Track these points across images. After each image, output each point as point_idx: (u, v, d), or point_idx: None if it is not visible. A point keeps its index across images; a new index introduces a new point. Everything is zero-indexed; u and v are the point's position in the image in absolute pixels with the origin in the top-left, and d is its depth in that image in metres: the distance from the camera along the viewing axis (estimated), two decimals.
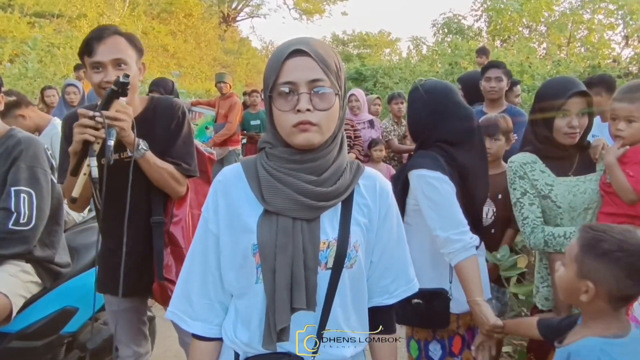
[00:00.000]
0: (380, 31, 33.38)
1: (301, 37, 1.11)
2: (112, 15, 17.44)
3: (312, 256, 1.08)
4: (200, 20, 25.99)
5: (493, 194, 2.63)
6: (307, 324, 1.12)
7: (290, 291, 1.06)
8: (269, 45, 40.14)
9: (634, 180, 1.85)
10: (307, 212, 1.08)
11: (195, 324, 1.18)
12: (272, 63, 1.08)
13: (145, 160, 1.73)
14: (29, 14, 14.33)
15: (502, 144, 2.71)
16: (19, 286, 2.05)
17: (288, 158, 1.09)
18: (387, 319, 1.26)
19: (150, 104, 1.89)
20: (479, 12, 13.27)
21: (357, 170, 1.17)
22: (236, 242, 1.12)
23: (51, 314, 2.22)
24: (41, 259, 2.13)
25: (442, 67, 10.38)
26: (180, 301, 1.19)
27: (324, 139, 1.08)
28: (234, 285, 1.16)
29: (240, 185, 1.14)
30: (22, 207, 1.94)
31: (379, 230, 1.19)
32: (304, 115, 1.03)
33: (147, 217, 1.87)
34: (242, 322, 1.15)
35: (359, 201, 1.16)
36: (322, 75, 1.05)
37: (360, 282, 1.18)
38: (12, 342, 2.12)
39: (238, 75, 27.79)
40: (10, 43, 10.66)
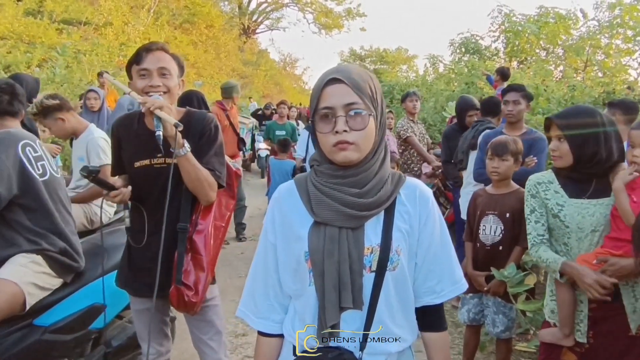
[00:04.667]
0: (398, 48, 33.64)
1: (338, 65, 1.26)
2: (137, 24, 17.77)
3: (357, 260, 1.19)
4: (221, 31, 26.42)
5: (502, 212, 2.73)
6: (355, 323, 1.24)
7: (339, 292, 1.19)
8: (287, 58, 40.60)
9: (636, 205, 1.92)
10: (352, 221, 1.20)
11: (259, 322, 1.34)
12: (314, 91, 1.23)
13: (186, 159, 1.85)
14: (58, 20, 14.68)
15: (511, 164, 2.80)
16: (30, 275, 2.16)
17: (332, 174, 1.23)
18: (436, 318, 1.34)
19: (186, 116, 2.02)
20: (497, 33, 13.40)
21: (399, 181, 1.28)
22: (290, 250, 1.27)
23: (80, 310, 2.35)
24: (47, 251, 2.23)
25: (459, 86, 10.47)
26: (247, 302, 1.36)
27: (362, 155, 1.20)
28: (291, 287, 1.30)
29: (292, 200, 1.28)
30: None
31: (420, 235, 1.28)
32: (341, 135, 1.16)
33: (174, 223, 1.96)
34: (299, 319, 1.30)
35: (400, 209, 1.27)
36: (357, 99, 1.17)
37: (404, 283, 1.27)
38: (45, 334, 2.25)
39: (256, 86, 28.14)
40: (39, 49, 10.96)
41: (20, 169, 2.17)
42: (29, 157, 2.22)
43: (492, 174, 2.82)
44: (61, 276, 2.32)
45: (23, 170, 2.18)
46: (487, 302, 2.85)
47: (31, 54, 10.52)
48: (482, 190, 2.99)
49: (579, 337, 2.08)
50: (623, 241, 1.96)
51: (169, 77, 1.93)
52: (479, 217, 2.84)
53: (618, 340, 2.02)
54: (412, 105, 5.73)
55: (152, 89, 1.89)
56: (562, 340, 2.12)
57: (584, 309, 2.08)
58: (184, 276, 1.96)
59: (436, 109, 9.56)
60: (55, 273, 2.28)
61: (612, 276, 1.94)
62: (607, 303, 1.99)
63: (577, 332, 2.10)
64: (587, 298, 2.05)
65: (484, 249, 2.82)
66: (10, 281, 2.10)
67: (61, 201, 2.37)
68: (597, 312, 2.06)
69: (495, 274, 2.70)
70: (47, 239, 2.24)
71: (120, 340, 2.55)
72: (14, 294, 2.10)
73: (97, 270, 2.41)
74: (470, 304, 2.94)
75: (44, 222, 2.24)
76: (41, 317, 2.26)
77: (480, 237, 2.83)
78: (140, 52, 1.93)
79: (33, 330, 2.23)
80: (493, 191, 2.87)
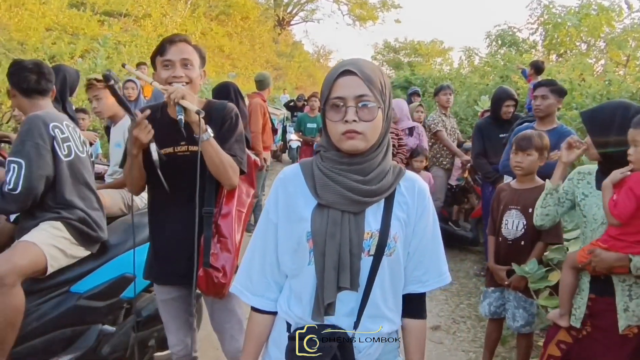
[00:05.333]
0: (433, 40, 33.09)
1: (351, 58, 1.31)
2: (175, 16, 18.13)
3: (356, 244, 1.26)
4: (256, 23, 26.63)
5: (524, 207, 2.72)
6: (350, 302, 1.30)
7: (337, 272, 1.25)
8: (321, 50, 40.59)
9: (612, 203, 1.98)
10: (354, 206, 1.26)
11: (254, 299, 1.40)
12: (326, 81, 1.28)
13: (209, 144, 1.89)
14: (99, 12, 15.10)
15: (534, 159, 2.77)
16: (49, 237, 2.29)
17: (339, 160, 1.29)
18: (418, 306, 1.42)
19: (207, 107, 2.07)
20: (535, 25, 13.07)
21: (399, 173, 1.34)
22: (292, 230, 1.32)
23: (112, 279, 2.50)
24: (66, 219, 2.36)
25: (493, 80, 10.30)
26: (243, 278, 1.41)
27: (369, 145, 1.26)
28: (289, 266, 1.35)
29: (297, 182, 1.34)
30: (11, 175, 2.21)
31: (416, 226, 1.35)
32: (350, 125, 1.22)
33: (199, 209, 1.96)
34: (295, 298, 1.35)
35: (399, 199, 1.33)
36: (367, 91, 1.23)
37: (398, 269, 1.33)
38: (80, 300, 2.43)
39: (289, 77, 28.28)
40: (82, 40, 11.34)
41: (52, 149, 2.33)
42: (57, 139, 2.35)
43: (516, 168, 2.81)
44: (83, 245, 2.45)
45: (53, 151, 2.33)
46: (509, 296, 2.86)
47: (74, 45, 10.89)
48: (505, 184, 2.98)
49: (574, 321, 2.14)
50: (613, 237, 2.02)
51: (191, 68, 1.99)
52: (502, 212, 2.85)
53: (610, 337, 2.04)
54: (445, 98, 5.70)
55: (175, 80, 1.96)
56: (558, 319, 2.21)
57: (583, 296, 2.12)
58: (212, 259, 2.00)
59: (469, 103, 9.45)
60: (75, 240, 2.41)
61: (595, 267, 2.02)
62: (604, 297, 2.04)
63: (572, 316, 2.15)
64: (588, 287, 2.10)
65: (506, 243, 2.82)
66: (31, 242, 2.25)
67: (84, 179, 2.49)
68: (595, 305, 2.09)
69: (517, 269, 2.71)
70: (67, 210, 2.38)
71: (149, 311, 2.68)
72: (36, 254, 2.24)
73: (128, 244, 2.58)
74: (491, 298, 2.96)
75: (61, 198, 2.38)
76: (77, 285, 2.43)
77: (502, 231, 2.83)
78: (164, 44, 2.01)
79: (69, 297, 2.41)
80: (517, 186, 2.86)
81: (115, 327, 2.59)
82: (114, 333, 2.56)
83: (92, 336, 2.49)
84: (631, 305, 2.00)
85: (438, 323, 3.90)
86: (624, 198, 1.97)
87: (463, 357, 3.40)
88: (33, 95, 2.46)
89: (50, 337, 2.36)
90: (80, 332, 2.47)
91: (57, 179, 2.36)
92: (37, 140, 2.27)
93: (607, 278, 2.05)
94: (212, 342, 3.05)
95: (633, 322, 1.99)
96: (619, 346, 2.03)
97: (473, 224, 5.60)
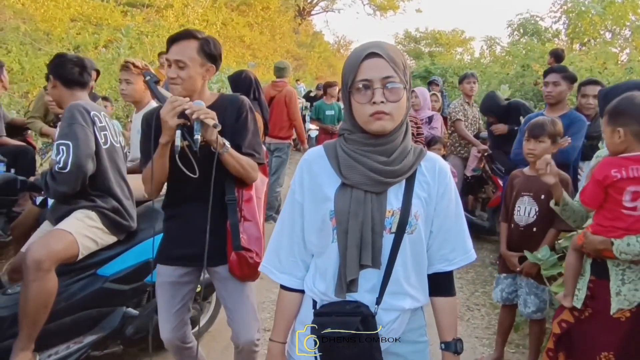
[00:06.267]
0: (454, 29, 32.63)
1: (373, 41, 1.34)
2: (196, 6, 18.21)
3: (378, 222, 1.29)
4: (276, 13, 26.58)
5: (537, 193, 2.75)
6: (373, 279, 1.34)
7: (359, 250, 1.29)
8: (341, 40, 40.38)
9: (582, 190, 2.12)
10: (377, 186, 1.30)
11: (282, 277, 1.45)
12: (350, 64, 1.31)
13: (229, 155, 1.97)
14: (122, 3, 15.26)
15: (547, 146, 2.78)
16: (84, 228, 2.42)
17: (364, 142, 1.32)
18: (446, 283, 1.45)
19: (219, 99, 2.14)
20: (558, 13, 12.81)
21: (420, 153, 1.38)
22: (317, 209, 1.37)
23: (136, 264, 2.61)
24: (101, 208, 2.48)
25: (514, 70, 10.18)
26: (271, 258, 1.47)
27: (395, 125, 1.30)
28: (315, 244, 1.40)
29: (321, 162, 1.38)
30: (61, 156, 2.31)
31: (437, 205, 1.38)
32: (378, 106, 1.25)
33: (220, 197, 2.06)
34: (320, 275, 1.39)
35: (420, 179, 1.37)
36: (393, 72, 1.26)
37: (420, 247, 1.36)
38: (106, 283, 2.54)
39: (309, 68, 28.23)
40: (105, 30, 11.53)
41: (94, 135, 2.45)
42: (96, 126, 2.48)
43: (528, 155, 2.82)
44: (113, 233, 2.56)
45: (95, 136, 2.45)
46: (521, 282, 2.89)
47: (98, 35, 11.08)
48: (519, 171, 2.99)
49: (576, 302, 2.19)
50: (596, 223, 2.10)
51: (184, 69, 2.01)
52: (514, 198, 2.87)
53: (605, 319, 2.08)
54: (469, 87, 5.69)
55: (171, 81, 2.03)
56: (562, 299, 2.27)
57: (586, 278, 2.16)
58: (243, 241, 2.06)
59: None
60: (107, 229, 2.52)
61: (586, 248, 2.10)
62: (602, 280, 2.08)
63: (575, 297, 2.19)
64: (589, 269, 2.15)
65: (518, 229, 2.85)
66: (67, 231, 2.38)
67: (118, 168, 2.62)
68: (595, 287, 2.13)
69: (528, 256, 2.73)
70: (102, 199, 2.50)
71: None
72: (70, 242, 2.37)
73: (151, 230, 2.63)
74: (503, 284, 2.99)
75: (101, 184, 2.50)
76: (103, 268, 2.55)
77: (515, 218, 2.86)
78: (169, 42, 2.06)
79: (96, 279, 2.53)
80: (529, 173, 2.86)
81: (139, 310, 2.70)
82: (138, 315, 2.67)
83: (116, 318, 2.60)
84: (623, 289, 2.03)
85: None
86: (589, 185, 2.04)
87: (476, 343, 3.44)
88: (74, 87, 2.59)
89: (77, 316, 2.48)
90: (105, 314, 2.59)
91: (97, 166, 2.47)
92: (82, 122, 2.40)
93: (605, 261, 2.09)
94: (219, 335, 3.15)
95: (624, 305, 2.02)
96: (612, 329, 2.06)
97: (490, 213, 5.60)
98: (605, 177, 1.98)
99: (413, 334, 1.43)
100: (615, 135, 1.99)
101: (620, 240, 1.96)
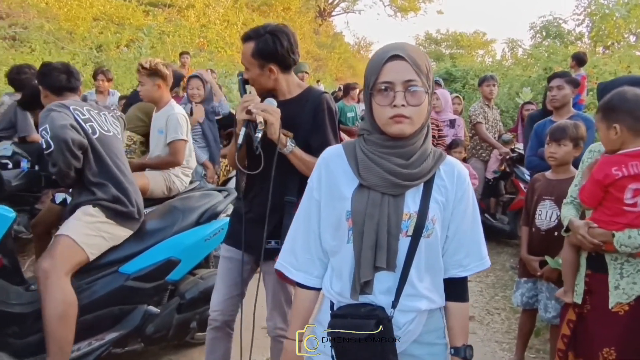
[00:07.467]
0: (475, 31, 32.39)
1: (397, 42, 1.33)
2: (217, 6, 18.37)
3: (395, 225, 1.28)
4: (297, 13, 26.64)
5: (558, 197, 2.67)
6: (388, 282, 1.32)
7: (374, 252, 1.27)
8: (361, 41, 40.32)
9: (582, 189, 2.14)
10: (394, 189, 1.29)
11: (298, 274, 1.45)
12: (372, 65, 1.30)
13: (293, 154, 1.98)
14: (144, 3, 15.44)
15: (569, 149, 2.73)
16: (83, 227, 2.42)
17: (382, 144, 1.31)
18: (460, 289, 1.43)
19: (302, 94, 2.12)
20: (582, 16, 12.64)
21: (439, 158, 1.36)
22: (333, 207, 1.36)
23: (158, 262, 2.64)
24: (101, 200, 2.48)
25: (536, 72, 10.05)
26: (287, 255, 1.47)
27: (414, 129, 1.28)
28: (330, 243, 1.39)
29: (340, 162, 1.38)
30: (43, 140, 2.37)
31: (454, 210, 1.36)
32: (398, 109, 1.24)
33: (280, 196, 2.04)
34: (336, 275, 1.39)
35: (438, 183, 1.35)
36: (415, 76, 1.24)
37: (435, 251, 1.35)
38: (128, 281, 2.57)
39: (329, 69, 28.24)
40: (127, 30, 11.70)
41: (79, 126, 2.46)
42: (79, 118, 2.49)
43: (549, 159, 2.79)
44: (121, 224, 2.56)
45: (80, 126, 2.47)
46: (541, 287, 2.85)
47: (120, 35, 11.26)
48: (540, 174, 2.95)
49: (575, 297, 2.18)
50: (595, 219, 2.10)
51: (247, 71, 2.07)
52: (535, 202, 2.83)
53: (603, 314, 2.06)
54: (488, 90, 5.62)
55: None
56: (563, 295, 2.26)
57: (582, 272, 2.16)
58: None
59: (510, 95, 9.27)
60: (112, 221, 2.52)
61: (581, 242, 2.08)
62: (599, 274, 2.08)
63: (575, 292, 2.19)
64: (585, 263, 2.15)
65: (539, 234, 2.81)
66: (66, 235, 2.39)
67: (116, 155, 2.63)
68: (592, 281, 2.12)
69: (549, 261, 2.69)
70: (102, 188, 2.51)
71: (192, 294, 2.82)
72: (72, 246, 2.38)
73: (173, 228, 2.71)
74: (524, 288, 2.95)
75: (100, 172, 2.52)
76: (125, 266, 2.58)
77: (536, 222, 2.82)
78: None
79: (118, 277, 2.56)
80: (551, 176, 2.83)
81: (160, 308, 2.72)
82: (158, 314, 2.69)
83: (138, 316, 2.62)
84: (622, 283, 2.01)
85: (472, 314, 3.90)
86: (588, 184, 2.04)
87: (496, 347, 3.40)
88: (64, 93, 2.64)
89: (99, 314, 2.51)
90: (127, 311, 2.62)
91: (92, 154, 2.49)
92: (55, 109, 2.44)
93: (602, 255, 2.07)
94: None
95: (623, 299, 2.01)
96: (611, 323, 2.04)
97: (511, 217, 5.53)
98: (606, 176, 1.98)
99: (430, 336, 1.42)
100: (612, 132, 1.99)
101: (621, 233, 1.96)
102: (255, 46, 2.02)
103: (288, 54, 2.05)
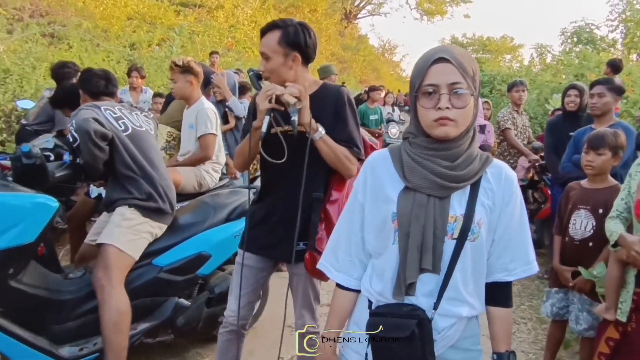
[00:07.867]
0: (503, 36, 32.02)
1: (443, 45, 1.34)
2: (246, 7, 18.55)
3: (440, 227, 1.28)
4: (323, 15, 26.73)
5: (594, 207, 2.66)
6: (431, 283, 1.32)
7: (420, 253, 1.28)
8: (386, 44, 40.22)
9: (637, 203, 2.06)
10: (440, 190, 1.29)
11: (339, 275, 1.47)
12: (418, 68, 1.30)
13: (322, 141, 1.94)
14: (176, 3, 15.67)
15: (607, 158, 2.67)
16: (124, 233, 2.49)
17: (427, 146, 1.31)
18: (504, 294, 1.42)
19: (320, 89, 2.09)
20: (616, 22, 12.36)
21: (486, 160, 1.35)
22: (379, 209, 1.36)
23: (190, 256, 2.69)
24: (136, 199, 2.54)
25: (567, 79, 9.87)
26: (329, 256, 1.50)
27: (459, 132, 1.27)
28: (374, 245, 1.40)
29: (385, 165, 1.38)
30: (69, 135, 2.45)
31: (501, 213, 1.35)
32: (443, 112, 1.24)
33: (307, 192, 1.96)
34: (377, 275, 1.39)
35: (485, 186, 1.34)
36: (460, 78, 1.24)
37: (481, 255, 1.34)
38: (161, 273, 2.64)
39: (353, 71, 28.26)
40: (159, 29, 11.90)
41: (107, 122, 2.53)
42: (110, 117, 2.56)
43: (586, 167, 2.73)
44: (157, 220, 2.62)
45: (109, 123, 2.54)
46: (573, 298, 2.79)
47: (152, 34, 11.45)
48: (576, 183, 2.90)
49: (620, 315, 2.12)
50: None
51: (268, 61, 2.02)
52: (570, 211, 2.78)
53: None
54: (517, 95, 5.53)
55: (263, 74, 2.07)
56: (604, 312, 2.20)
57: (629, 289, 2.10)
58: (318, 243, 1.99)
59: (539, 102, 9.10)
60: (149, 219, 2.58)
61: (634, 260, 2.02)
62: None
63: (619, 310, 2.13)
64: (634, 280, 2.08)
65: (572, 243, 2.76)
66: (110, 245, 2.46)
67: (149, 150, 2.68)
68: (639, 300, 2.07)
69: (583, 272, 2.62)
70: (135, 184, 2.56)
71: (221, 288, 2.86)
72: (117, 253, 2.45)
73: (205, 224, 2.77)
74: (554, 299, 2.90)
75: (134, 167, 2.57)
76: (158, 258, 2.64)
77: (569, 231, 2.77)
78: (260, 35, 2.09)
79: (151, 269, 2.64)
80: (587, 185, 2.78)
81: (190, 301, 2.78)
82: (188, 307, 2.75)
83: (169, 308, 2.69)
84: None
85: None
86: None
87: (522, 357, 3.35)
88: (102, 98, 2.74)
89: (133, 304, 2.55)
90: (159, 303, 2.68)
91: (124, 150, 2.54)
92: (83, 107, 2.53)
93: None
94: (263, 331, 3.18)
95: None
96: None
97: (538, 225, 5.45)
98: None
99: (467, 342, 1.41)
100: None
101: None
102: (283, 33, 2.00)
103: (312, 48, 2.06)
